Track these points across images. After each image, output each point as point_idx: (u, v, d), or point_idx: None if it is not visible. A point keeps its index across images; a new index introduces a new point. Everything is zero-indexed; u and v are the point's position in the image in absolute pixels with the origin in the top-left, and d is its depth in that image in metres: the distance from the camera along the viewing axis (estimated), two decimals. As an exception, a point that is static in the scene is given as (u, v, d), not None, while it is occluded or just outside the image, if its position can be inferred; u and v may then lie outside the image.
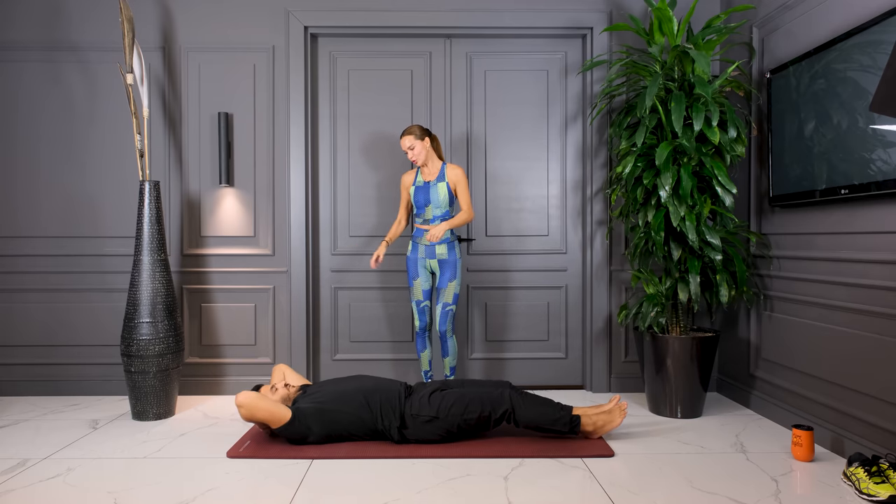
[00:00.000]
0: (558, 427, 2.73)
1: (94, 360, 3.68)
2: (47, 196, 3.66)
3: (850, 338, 2.57)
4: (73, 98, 3.66)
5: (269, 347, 3.72)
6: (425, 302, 3.38)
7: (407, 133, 3.27)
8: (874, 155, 2.38)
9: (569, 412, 2.75)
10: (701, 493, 2.24)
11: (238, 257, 3.71)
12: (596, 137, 3.68)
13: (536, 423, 2.73)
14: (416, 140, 3.26)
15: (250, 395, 2.66)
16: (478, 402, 2.71)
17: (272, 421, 2.68)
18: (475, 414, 2.70)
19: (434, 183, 3.31)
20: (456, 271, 3.33)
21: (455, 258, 3.33)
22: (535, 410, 2.73)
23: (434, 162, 3.35)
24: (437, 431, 2.71)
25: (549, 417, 2.73)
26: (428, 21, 3.67)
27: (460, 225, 3.29)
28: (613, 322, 3.69)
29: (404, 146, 3.28)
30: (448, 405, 2.70)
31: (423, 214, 3.35)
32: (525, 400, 2.76)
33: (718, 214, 3.14)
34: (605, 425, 2.76)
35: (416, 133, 3.27)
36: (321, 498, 2.24)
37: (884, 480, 2.14)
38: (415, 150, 3.27)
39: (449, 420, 2.69)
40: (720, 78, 3.09)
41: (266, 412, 2.66)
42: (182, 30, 3.67)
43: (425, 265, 3.37)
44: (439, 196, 3.30)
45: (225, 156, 3.63)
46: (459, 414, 2.69)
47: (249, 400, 2.65)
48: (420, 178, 3.36)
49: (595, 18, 3.66)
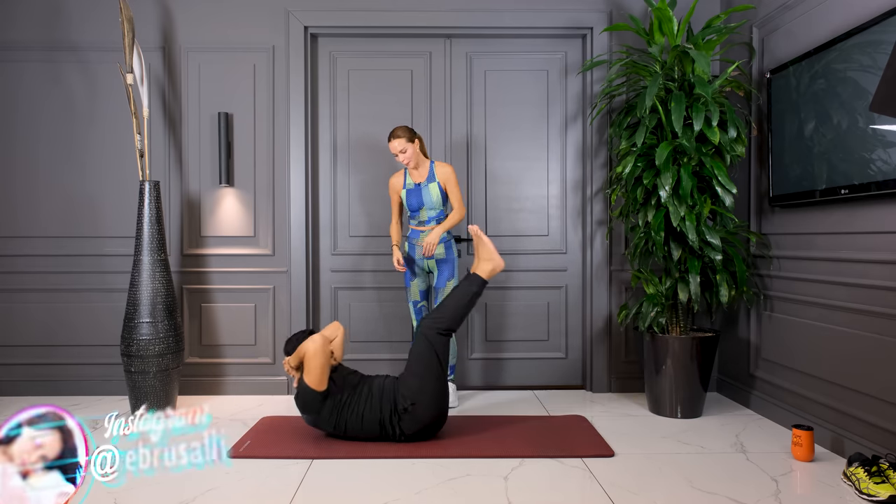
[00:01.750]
0: (474, 294, 2.85)
1: (94, 360, 3.68)
2: (47, 196, 3.66)
3: (850, 338, 2.57)
4: (73, 98, 3.66)
5: (269, 347, 3.72)
6: (422, 302, 3.38)
7: (396, 136, 3.20)
8: (874, 155, 2.38)
9: (468, 278, 2.88)
10: (701, 494, 2.24)
11: (238, 257, 3.71)
12: (596, 137, 3.68)
13: (462, 315, 2.84)
14: (406, 143, 3.20)
15: (324, 348, 2.67)
16: (421, 363, 2.74)
17: (314, 376, 2.65)
18: (430, 366, 2.72)
19: (425, 184, 3.29)
20: (454, 270, 3.32)
21: (453, 257, 3.32)
22: (452, 309, 2.83)
23: (423, 162, 3.32)
24: (424, 414, 2.69)
25: (465, 298, 2.83)
26: (428, 21, 3.67)
27: (454, 225, 3.28)
28: (613, 322, 3.69)
29: (395, 150, 3.21)
30: (411, 385, 2.70)
31: (418, 216, 3.34)
32: (439, 312, 2.84)
33: (718, 214, 3.14)
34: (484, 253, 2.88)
35: (406, 135, 3.21)
36: (321, 498, 2.24)
37: (884, 480, 2.14)
38: (406, 153, 3.21)
39: (422, 394, 2.68)
40: (720, 78, 3.09)
41: (320, 368, 2.65)
42: (182, 30, 3.67)
43: (423, 265, 3.36)
44: (432, 197, 3.28)
45: (225, 156, 3.63)
46: (419, 382, 2.70)
47: (320, 347, 2.65)
48: (410, 180, 3.34)
49: (595, 18, 3.66)
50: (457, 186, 3.29)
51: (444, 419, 2.79)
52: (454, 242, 3.38)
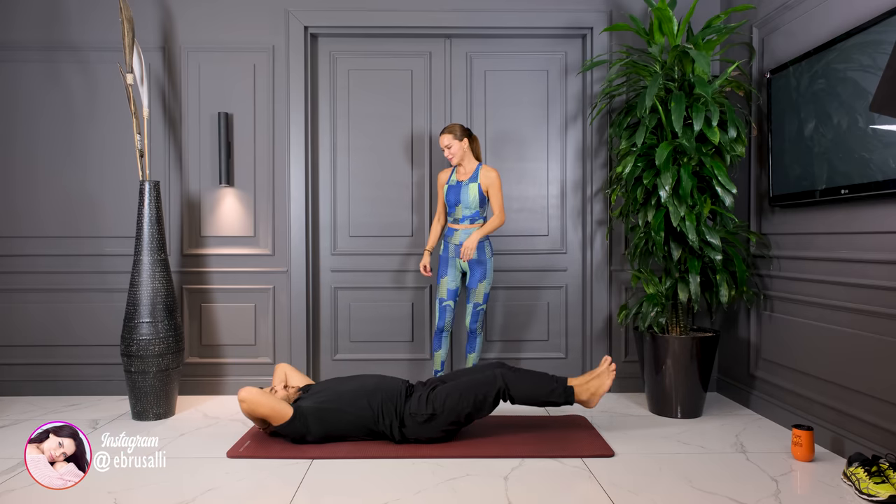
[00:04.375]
0: (553, 398, 2.75)
1: (94, 360, 3.68)
2: (47, 196, 3.66)
3: (850, 338, 2.57)
4: (73, 98, 3.66)
5: (269, 347, 3.72)
6: (448, 301, 3.37)
7: (447, 131, 3.30)
8: (874, 155, 2.38)
9: (563, 383, 2.78)
10: (701, 493, 2.24)
11: (238, 257, 3.71)
12: (596, 137, 3.68)
13: (532, 397, 2.75)
14: (454, 140, 3.28)
15: (253, 391, 2.67)
16: (471, 390, 2.70)
17: (273, 417, 2.68)
18: (470, 401, 2.69)
19: (466, 183, 3.33)
20: (486, 271, 3.34)
21: (485, 258, 3.34)
22: (529, 384, 2.75)
23: (470, 162, 3.37)
24: (437, 428, 2.70)
25: (544, 390, 2.75)
26: (428, 21, 3.67)
27: (493, 230, 3.31)
28: (613, 322, 3.69)
29: (442, 144, 3.31)
30: (443, 400, 2.69)
31: (454, 213, 3.38)
32: (518, 375, 2.77)
33: (718, 214, 3.14)
34: (597, 390, 2.78)
35: (456, 132, 3.29)
36: (321, 498, 2.24)
37: (884, 480, 2.14)
38: (452, 149, 3.29)
39: (446, 415, 2.68)
40: (720, 78, 3.09)
41: (268, 408, 2.66)
42: (182, 30, 3.67)
43: (456, 264, 3.37)
44: (469, 196, 3.30)
45: (225, 156, 3.63)
46: (454, 406, 2.68)
47: (252, 395, 2.66)
48: (454, 176, 3.38)
49: (595, 18, 3.66)
50: (500, 192, 3.32)
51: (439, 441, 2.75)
52: (489, 244, 3.39)
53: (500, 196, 3.32)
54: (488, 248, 3.37)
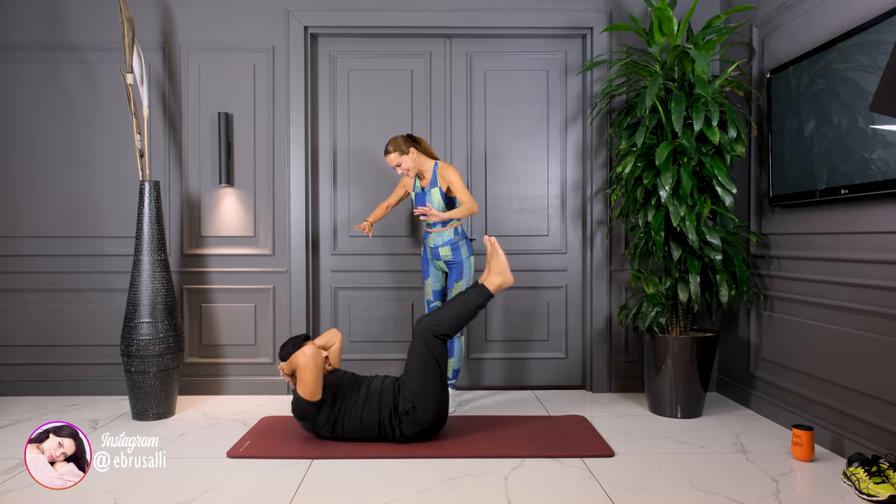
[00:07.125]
0: (476, 305, 2.81)
1: (94, 360, 3.68)
2: (47, 196, 3.66)
3: (850, 338, 2.57)
4: (73, 98, 3.66)
5: (269, 347, 3.72)
6: (435, 302, 3.36)
7: (391, 150, 3.16)
8: (874, 155, 2.38)
9: (476, 288, 2.84)
10: (701, 493, 2.24)
11: (238, 257, 3.71)
12: (596, 137, 3.68)
13: (462, 323, 2.80)
14: (401, 156, 3.15)
15: (319, 357, 2.65)
16: (421, 362, 2.71)
17: (306, 386, 2.64)
18: (429, 369, 2.70)
19: (429, 189, 3.25)
20: (462, 272, 3.26)
21: (460, 259, 3.25)
22: (451, 316, 2.78)
23: (427, 164, 3.26)
24: (424, 417, 2.69)
25: (466, 309, 2.80)
26: (428, 21, 3.67)
27: (462, 216, 3.17)
28: (613, 322, 3.69)
29: (392, 164, 3.18)
30: (412, 388, 2.69)
31: (427, 219, 3.33)
32: (437, 318, 2.79)
33: (718, 214, 3.14)
34: (496, 266, 2.84)
35: (401, 147, 3.15)
36: (321, 498, 2.24)
37: (884, 480, 2.14)
38: (403, 165, 3.17)
39: (422, 397, 2.67)
40: (720, 78, 3.09)
41: (313, 379, 2.63)
42: (182, 30, 3.67)
43: (436, 265, 3.35)
44: (434, 202, 3.22)
45: (225, 156, 3.63)
46: (422, 385, 2.69)
47: (314, 361, 2.62)
48: (419, 183, 3.32)
49: (595, 18, 3.66)
50: (462, 185, 3.18)
51: (444, 420, 2.79)
52: (464, 244, 3.27)
53: (463, 188, 3.17)
54: (465, 248, 3.26)
